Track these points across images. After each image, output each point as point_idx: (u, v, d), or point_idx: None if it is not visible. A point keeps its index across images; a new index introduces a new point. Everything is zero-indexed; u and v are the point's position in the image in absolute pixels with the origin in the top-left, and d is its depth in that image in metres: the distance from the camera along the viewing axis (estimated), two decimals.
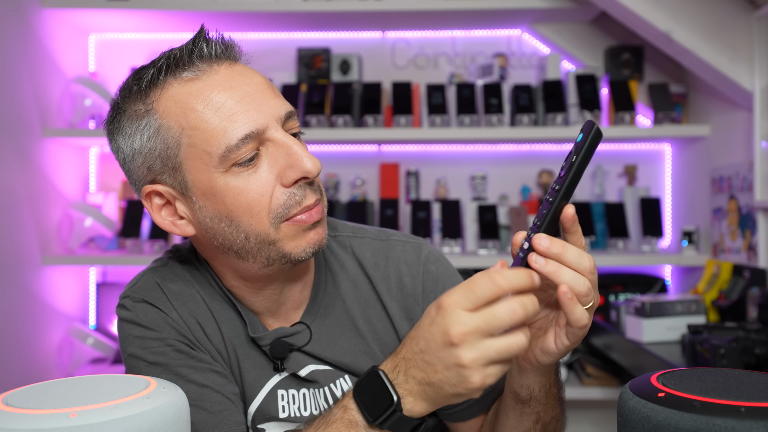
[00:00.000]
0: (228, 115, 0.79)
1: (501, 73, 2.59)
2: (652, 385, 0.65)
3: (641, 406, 0.62)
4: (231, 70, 0.82)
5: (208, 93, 0.79)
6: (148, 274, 0.92)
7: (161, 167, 0.82)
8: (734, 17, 2.05)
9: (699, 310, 1.85)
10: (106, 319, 2.61)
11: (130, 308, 0.89)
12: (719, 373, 0.69)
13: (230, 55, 0.84)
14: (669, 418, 0.60)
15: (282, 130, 0.82)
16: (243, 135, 0.78)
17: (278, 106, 0.82)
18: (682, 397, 0.61)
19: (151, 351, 0.86)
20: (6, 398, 0.62)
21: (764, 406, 0.58)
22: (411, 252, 0.96)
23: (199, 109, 0.79)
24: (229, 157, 0.78)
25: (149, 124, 0.81)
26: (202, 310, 0.90)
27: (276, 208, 0.80)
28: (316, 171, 0.80)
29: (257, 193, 0.80)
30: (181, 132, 0.80)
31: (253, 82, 0.82)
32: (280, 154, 0.81)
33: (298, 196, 0.81)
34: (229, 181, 0.80)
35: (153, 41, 2.72)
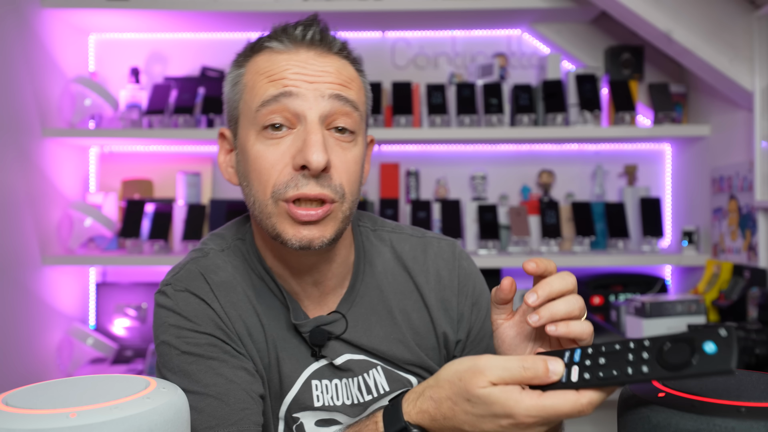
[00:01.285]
0: (275, 79, 0.85)
1: (501, 73, 2.59)
2: (652, 385, 0.65)
3: (641, 406, 0.62)
4: (311, 56, 0.87)
5: (276, 63, 0.86)
6: (190, 264, 0.94)
7: (230, 116, 0.92)
8: (734, 17, 2.05)
9: (699, 310, 1.85)
10: (105, 319, 2.61)
11: (171, 296, 0.91)
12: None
13: (322, 45, 0.88)
14: (669, 418, 0.60)
15: (319, 117, 0.84)
16: (276, 93, 0.84)
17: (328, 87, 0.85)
18: (682, 397, 0.61)
19: (185, 341, 0.88)
20: (6, 398, 0.62)
21: (764, 406, 0.58)
22: (446, 248, 1.02)
23: (260, 70, 0.87)
24: (260, 114, 0.85)
25: (234, 77, 0.92)
26: (244, 301, 0.92)
27: (278, 185, 0.84)
28: (317, 165, 0.81)
29: (269, 163, 0.84)
30: (244, 88, 0.89)
31: (320, 69, 0.86)
32: (301, 137, 0.84)
33: (299, 181, 0.83)
34: (257, 143, 0.86)
35: (153, 41, 2.72)
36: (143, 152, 2.70)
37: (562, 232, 2.50)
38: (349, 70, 0.90)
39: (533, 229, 2.51)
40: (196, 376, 0.86)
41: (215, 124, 2.44)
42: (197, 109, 2.50)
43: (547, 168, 2.66)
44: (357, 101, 0.88)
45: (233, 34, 2.71)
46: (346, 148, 0.87)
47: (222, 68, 2.66)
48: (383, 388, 0.96)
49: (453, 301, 0.99)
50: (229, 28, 2.66)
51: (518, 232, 2.45)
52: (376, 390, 0.96)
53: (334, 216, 0.86)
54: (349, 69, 0.90)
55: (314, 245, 0.85)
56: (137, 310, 2.59)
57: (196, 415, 0.84)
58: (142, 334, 2.59)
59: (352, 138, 0.88)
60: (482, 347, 1.01)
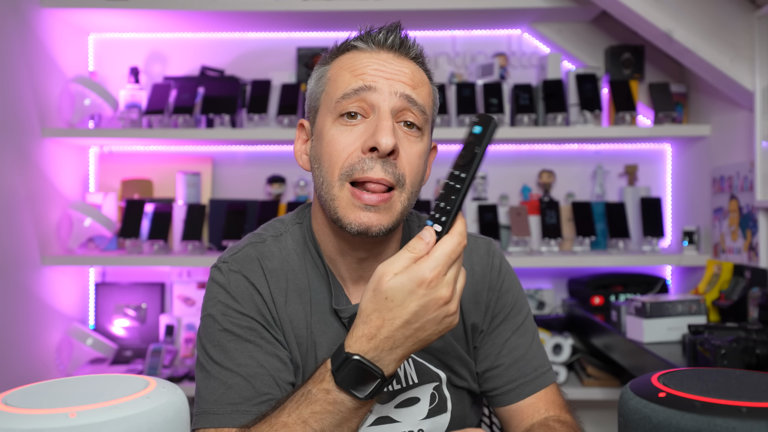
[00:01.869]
0: (357, 75, 0.93)
1: (501, 72, 2.59)
2: (653, 386, 0.65)
3: (642, 406, 0.62)
4: (390, 57, 0.96)
5: (358, 60, 0.95)
6: (249, 248, 1.02)
7: (310, 108, 1.00)
8: (735, 17, 2.05)
9: (700, 311, 1.85)
10: (105, 319, 2.60)
11: (225, 274, 0.99)
12: (720, 374, 0.69)
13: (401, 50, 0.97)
14: (670, 418, 0.59)
15: (389, 105, 0.92)
16: (355, 88, 0.92)
17: (401, 87, 0.93)
18: (682, 397, 0.61)
19: (229, 319, 0.96)
20: (6, 398, 0.62)
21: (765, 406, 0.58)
22: (482, 246, 1.10)
23: (344, 66, 0.95)
24: (339, 104, 0.93)
25: (320, 73, 1.00)
26: (292, 288, 0.99)
27: (346, 166, 0.91)
28: (385, 146, 0.88)
29: (341, 146, 0.92)
30: (328, 81, 0.97)
31: (395, 67, 0.94)
32: (374, 124, 0.91)
33: (366, 164, 0.90)
34: (332, 128, 0.94)
35: (152, 41, 2.72)
36: (143, 152, 2.70)
37: (563, 232, 2.50)
38: (422, 75, 0.98)
39: (533, 229, 2.51)
40: (231, 353, 0.94)
41: (215, 124, 2.44)
42: (197, 108, 2.50)
43: (547, 168, 2.66)
44: (425, 104, 0.95)
45: (233, 34, 2.70)
46: (412, 141, 0.94)
47: (222, 68, 2.66)
48: (412, 379, 1.01)
49: (484, 294, 1.06)
50: (228, 28, 2.66)
51: (518, 232, 2.45)
52: (405, 380, 1.01)
53: (393, 205, 0.92)
54: (421, 74, 0.98)
55: (372, 231, 0.91)
56: (137, 311, 2.59)
57: (224, 389, 0.92)
58: (142, 335, 2.59)
59: (419, 134, 0.95)
60: (499, 341, 1.06)
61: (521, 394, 1.05)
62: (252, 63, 2.70)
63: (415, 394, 1.02)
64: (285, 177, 2.66)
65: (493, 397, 1.07)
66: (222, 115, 2.42)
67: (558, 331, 2.48)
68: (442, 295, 0.77)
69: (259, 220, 2.42)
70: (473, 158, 0.76)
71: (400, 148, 0.92)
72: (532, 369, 1.05)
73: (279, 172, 2.68)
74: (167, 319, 2.55)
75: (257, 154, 2.71)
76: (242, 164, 2.72)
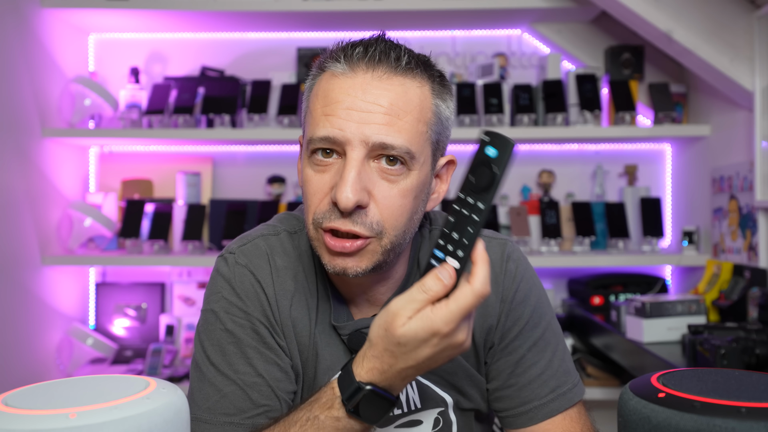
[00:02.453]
0: (328, 114, 0.85)
1: (501, 72, 2.59)
2: (653, 386, 0.65)
3: (641, 406, 0.62)
4: (366, 81, 0.85)
5: (331, 90, 0.86)
6: (260, 240, 0.96)
7: (303, 123, 0.93)
8: (735, 17, 2.05)
9: (699, 311, 1.85)
10: (105, 319, 2.61)
11: (231, 267, 0.94)
12: (720, 374, 0.69)
13: (382, 66, 0.85)
14: (669, 418, 0.60)
15: (360, 152, 0.83)
16: (321, 136, 0.84)
17: (374, 131, 0.83)
18: (682, 397, 0.61)
19: (231, 318, 0.91)
20: (6, 398, 0.62)
21: (765, 406, 0.58)
22: (496, 248, 0.99)
23: (319, 98, 0.87)
24: (309, 147, 0.86)
25: (309, 88, 0.91)
26: (298, 292, 0.94)
27: (317, 213, 0.86)
28: (343, 203, 0.81)
29: (313, 190, 0.86)
30: (308, 112, 0.90)
31: (370, 100, 0.84)
32: (341, 171, 0.84)
33: (333, 214, 0.84)
34: (308, 167, 0.88)
35: (153, 41, 2.72)
36: (143, 152, 2.70)
37: (562, 232, 2.50)
38: (411, 97, 0.85)
39: (533, 229, 2.51)
40: (230, 357, 0.90)
41: (215, 124, 2.44)
42: (197, 109, 2.50)
43: (547, 168, 2.66)
44: (407, 141, 0.84)
45: (233, 34, 2.70)
46: (393, 181, 0.85)
47: (222, 68, 2.66)
48: (415, 404, 0.96)
49: (496, 305, 0.97)
50: (228, 28, 2.66)
51: (518, 232, 2.45)
52: (407, 405, 0.96)
53: (371, 250, 0.85)
54: (410, 95, 0.85)
55: (349, 273, 0.86)
56: (137, 310, 2.59)
57: (219, 397, 0.88)
58: (142, 334, 2.59)
59: (402, 170, 0.85)
60: (512, 359, 0.97)
61: (534, 419, 0.95)
62: (252, 63, 2.70)
63: (417, 417, 0.97)
64: (285, 177, 2.66)
65: (504, 419, 0.99)
66: (222, 115, 2.42)
67: None
68: (457, 342, 0.75)
69: (259, 220, 2.42)
70: (491, 185, 0.69)
71: (375, 192, 0.84)
72: (549, 390, 0.95)
73: (279, 172, 2.68)
74: (167, 319, 2.55)
75: (257, 154, 2.71)
76: (242, 164, 2.72)
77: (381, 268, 0.88)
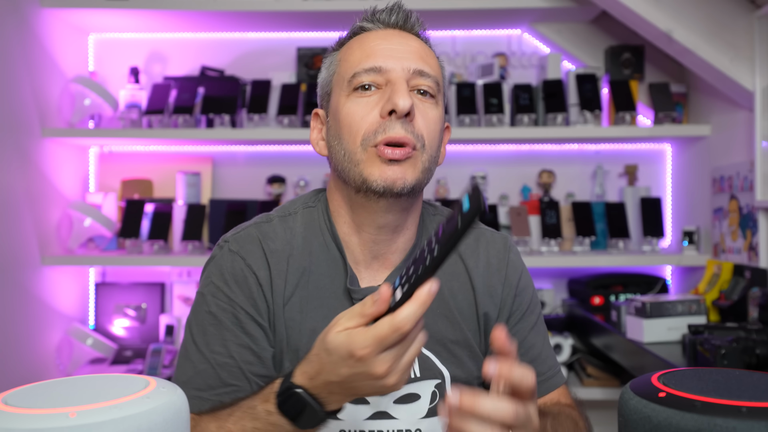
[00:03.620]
0: (368, 53, 0.97)
1: (501, 72, 2.59)
2: (653, 385, 0.65)
3: (642, 406, 0.62)
4: (396, 31, 1.01)
5: (366, 40, 1.00)
6: (252, 228, 1.03)
7: (322, 95, 1.04)
8: (735, 17, 2.04)
9: (700, 311, 1.85)
10: (105, 319, 2.60)
11: (224, 254, 1.01)
12: (720, 373, 0.69)
13: (404, 26, 1.02)
14: (670, 418, 0.59)
15: (403, 77, 0.95)
16: (367, 67, 0.96)
17: (412, 62, 0.96)
18: (683, 397, 0.61)
19: (216, 302, 0.98)
20: (5, 398, 0.62)
21: (765, 406, 0.58)
22: (499, 239, 1.10)
23: (354, 47, 1.00)
24: (353, 81, 0.96)
25: (330, 59, 1.04)
26: (292, 273, 0.99)
27: (367, 133, 0.94)
28: (403, 107, 0.91)
29: (358, 115, 0.95)
30: (338, 63, 1.01)
31: (403, 43, 0.99)
32: (388, 90, 0.94)
33: (387, 126, 0.93)
34: (347, 103, 0.97)
35: (152, 41, 2.72)
36: (143, 152, 2.70)
37: (563, 232, 2.50)
38: (428, 49, 1.03)
39: (533, 229, 2.51)
40: (209, 337, 0.97)
41: (215, 124, 2.44)
42: (197, 108, 2.50)
43: (547, 168, 2.66)
44: (436, 74, 0.99)
45: (233, 33, 2.70)
46: (428, 106, 0.97)
47: (222, 68, 2.66)
48: (414, 372, 1.00)
49: (498, 288, 1.06)
50: (228, 28, 2.66)
51: (518, 232, 2.45)
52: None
53: (414, 162, 0.94)
54: (427, 48, 1.03)
55: (397, 186, 0.93)
56: (137, 311, 2.59)
57: (193, 373, 0.96)
58: (142, 335, 2.58)
59: (433, 101, 0.98)
60: (518, 339, 1.05)
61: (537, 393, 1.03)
62: (252, 63, 2.70)
63: (415, 390, 1.01)
64: (285, 177, 2.66)
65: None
66: (222, 115, 2.42)
67: (558, 331, 2.48)
68: (373, 371, 0.73)
69: None
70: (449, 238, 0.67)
71: (416, 111, 0.95)
72: (546, 368, 1.06)
73: (279, 172, 2.68)
74: (167, 319, 2.54)
75: (257, 154, 2.71)
76: (242, 164, 2.72)
77: (415, 192, 0.96)
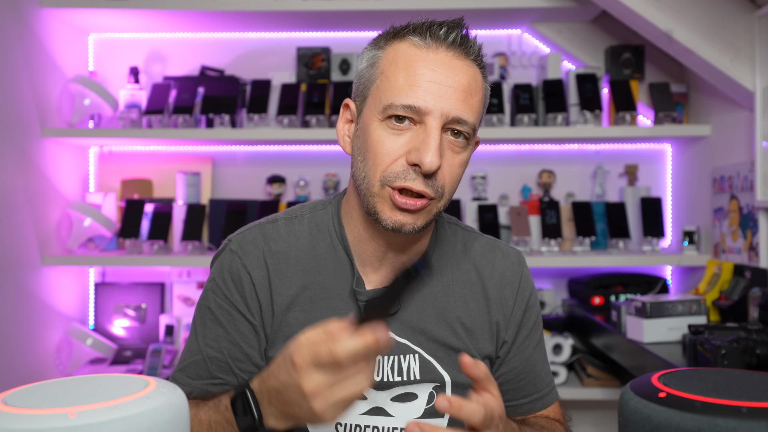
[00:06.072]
0: (410, 84, 0.92)
1: (501, 72, 2.59)
2: (653, 386, 0.65)
3: (642, 406, 0.62)
4: (448, 58, 0.94)
5: (414, 60, 0.94)
6: (255, 228, 1.05)
7: (358, 91, 1.00)
8: (735, 17, 2.04)
9: (700, 311, 1.85)
10: (105, 319, 2.60)
11: (226, 254, 1.04)
12: (720, 374, 0.69)
13: (459, 48, 0.95)
14: (670, 418, 0.59)
15: (439, 122, 0.92)
16: (405, 104, 0.92)
17: (453, 106, 0.92)
18: (683, 397, 0.61)
19: (215, 298, 1.02)
20: (5, 398, 0.62)
21: (765, 406, 0.58)
22: (513, 254, 1.11)
23: (400, 66, 0.94)
24: (387, 111, 0.93)
25: (372, 56, 0.99)
26: (296, 273, 1.01)
27: (388, 172, 0.93)
28: (429, 167, 0.90)
29: (386, 151, 0.93)
30: (381, 74, 0.96)
31: (451, 77, 0.93)
32: (421, 137, 0.92)
33: (408, 175, 0.92)
34: (379, 129, 0.94)
35: (152, 41, 2.71)
36: (142, 152, 2.70)
37: (563, 232, 2.50)
38: (478, 80, 0.97)
39: (533, 229, 2.51)
40: (206, 330, 1.02)
41: (215, 124, 2.44)
42: (197, 108, 2.50)
43: (547, 168, 2.66)
44: (475, 119, 0.95)
45: (233, 33, 2.70)
46: (456, 152, 0.95)
47: (222, 68, 2.66)
48: (414, 374, 1.01)
49: (510, 301, 1.07)
50: (228, 28, 2.66)
51: (518, 232, 2.45)
52: (407, 374, 1.01)
53: (429, 210, 0.95)
54: (477, 78, 0.97)
55: (405, 230, 0.94)
56: (136, 311, 2.59)
57: (189, 361, 1.01)
58: (142, 335, 2.58)
59: (464, 144, 0.96)
60: (524, 356, 1.08)
61: (534, 409, 1.08)
62: (252, 63, 2.70)
63: (413, 390, 1.01)
64: (285, 177, 2.66)
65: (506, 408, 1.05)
66: (222, 115, 2.42)
67: (558, 331, 2.48)
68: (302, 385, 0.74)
69: None
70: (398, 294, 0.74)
71: (443, 162, 0.93)
72: (544, 385, 1.09)
73: (279, 172, 2.68)
74: (167, 319, 2.54)
75: (257, 154, 2.71)
76: (242, 164, 2.72)
77: (426, 228, 0.97)
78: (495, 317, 1.06)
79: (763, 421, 0.56)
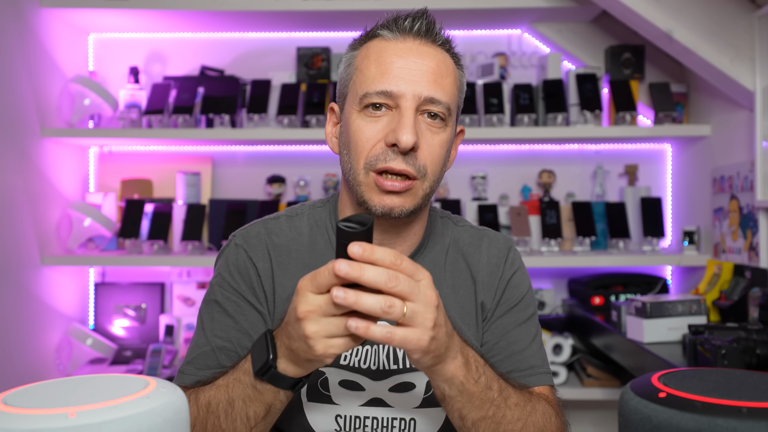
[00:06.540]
0: (382, 72, 0.97)
1: (501, 72, 2.59)
2: (653, 386, 0.65)
3: (642, 406, 0.62)
4: (416, 45, 0.99)
5: (385, 51, 0.98)
6: (259, 224, 1.10)
7: (340, 93, 1.05)
8: (735, 17, 2.04)
9: (700, 311, 1.85)
10: (105, 319, 2.60)
11: (232, 248, 1.07)
12: (720, 374, 0.68)
13: (426, 36, 1.00)
14: (670, 418, 0.59)
15: (412, 103, 0.95)
16: (378, 90, 0.96)
17: (425, 87, 0.96)
18: (683, 397, 0.61)
19: (222, 291, 1.05)
20: (5, 398, 0.62)
21: (765, 406, 0.58)
22: (501, 240, 1.14)
23: (372, 60, 0.99)
24: (364, 100, 0.97)
25: (349, 57, 1.04)
26: (297, 266, 1.05)
27: (370, 157, 0.97)
28: (405, 144, 0.93)
29: (365, 138, 0.97)
30: (356, 70, 1.01)
31: (419, 61, 0.97)
32: (396, 118, 0.96)
33: (389, 156, 0.95)
34: (358, 119, 0.98)
35: (152, 41, 2.71)
36: (142, 152, 2.70)
37: (563, 232, 2.50)
38: (448, 63, 1.01)
39: (534, 229, 2.51)
40: (214, 322, 1.04)
41: (215, 124, 2.44)
42: (196, 108, 2.50)
43: (547, 168, 2.66)
44: (449, 99, 0.98)
45: (233, 33, 2.70)
46: (434, 132, 0.98)
47: (222, 68, 2.66)
48: (410, 362, 1.00)
49: (495, 281, 1.10)
50: (228, 28, 2.66)
51: (518, 232, 2.45)
52: (402, 362, 1.03)
53: (415, 191, 0.97)
54: (447, 62, 1.01)
55: (394, 213, 0.97)
56: (136, 311, 2.59)
57: (197, 353, 1.03)
58: (141, 335, 2.58)
59: (442, 125, 0.99)
60: (499, 332, 1.08)
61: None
62: (252, 63, 2.70)
63: (410, 379, 1.03)
64: (285, 177, 2.66)
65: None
66: (222, 115, 2.42)
67: (558, 331, 2.48)
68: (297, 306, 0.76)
69: None
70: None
71: (421, 140, 0.96)
72: (527, 366, 1.06)
73: (279, 172, 2.68)
74: (167, 319, 2.54)
75: (257, 154, 2.71)
76: (242, 164, 2.72)
77: (416, 213, 1.00)
78: (480, 298, 1.08)
79: (763, 421, 0.56)
